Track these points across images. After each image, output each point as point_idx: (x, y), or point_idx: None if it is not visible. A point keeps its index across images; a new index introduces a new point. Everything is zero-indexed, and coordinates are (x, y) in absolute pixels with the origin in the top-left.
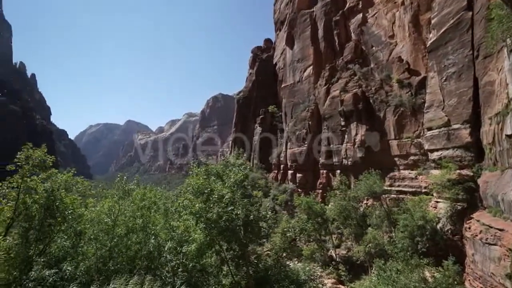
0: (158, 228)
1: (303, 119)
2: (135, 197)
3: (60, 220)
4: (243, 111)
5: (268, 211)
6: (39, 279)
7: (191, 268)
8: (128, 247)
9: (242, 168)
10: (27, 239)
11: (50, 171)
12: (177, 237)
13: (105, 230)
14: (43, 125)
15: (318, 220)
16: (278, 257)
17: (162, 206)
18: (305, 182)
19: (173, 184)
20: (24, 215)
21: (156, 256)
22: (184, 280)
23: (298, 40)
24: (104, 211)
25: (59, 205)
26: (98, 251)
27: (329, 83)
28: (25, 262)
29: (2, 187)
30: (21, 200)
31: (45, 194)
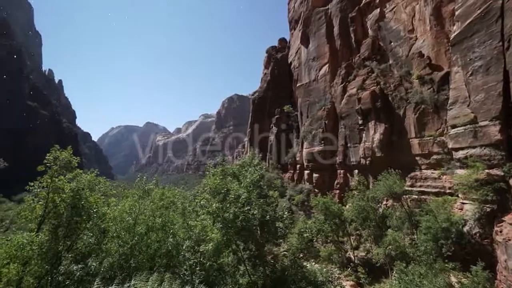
0: (177, 227)
1: (319, 118)
2: (154, 196)
3: (86, 218)
4: (258, 111)
5: (285, 211)
6: (68, 273)
7: (208, 267)
8: (148, 245)
9: (258, 168)
10: (56, 235)
11: (75, 171)
12: (194, 236)
13: (126, 228)
14: (69, 128)
15: (335, 221)
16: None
17: (180, 205)
18: (322, 182)
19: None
20: (53, 213)
21: (174, 254)
22: (202, 279)
23: (313, 39)
24: (126, 210)
25: (84, 204)
26: (120, 248)
27: (346, 81)
28: (55, 257)
29: (34, 186)
30: (51, 198)
31: (71, 194)
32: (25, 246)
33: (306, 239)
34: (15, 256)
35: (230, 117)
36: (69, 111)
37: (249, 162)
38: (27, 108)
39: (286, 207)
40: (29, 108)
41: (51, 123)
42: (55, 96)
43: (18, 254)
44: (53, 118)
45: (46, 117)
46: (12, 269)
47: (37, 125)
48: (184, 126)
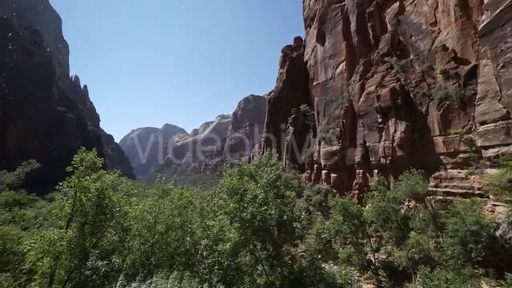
0: (195, 227)
1: (336, 117)
2: (173, 196)
3: (109, 217)
4: (274, 111)
5: (302, 212)
6: (94, 268)
7: (226, 266)
8: (167, 243)
9: (275, 168)
10: (83, 232)
11: (100, 172)
12: (212, 235)
13: (147, 227)
14: (93, 130)
15: (354, 222)
16: (313, 258)
17: (198, 205)
18: (340, 182)
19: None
20: (80, 211)
21: (193, 253)
22: (220, 278)
23: (329, 36)
24: (146, 209)
25: (108, 203)
26: (142, 246)
27: (364, 79)
28: (82, 252)
29: (63, 186)
30: (78, 197)
31: (96, 193)
32: (56, 242)
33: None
34: (48, 250)
35: (246, 117)
36: (94, 114)
37: (265, 162)
38: (56, 112)
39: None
40: (57, 112)
41: (77, 126)
42: (80, 100)
43: (50, 249)
44: (79, 121)
45: (72, 120)
46: (46, 263)
47: (65, 128)
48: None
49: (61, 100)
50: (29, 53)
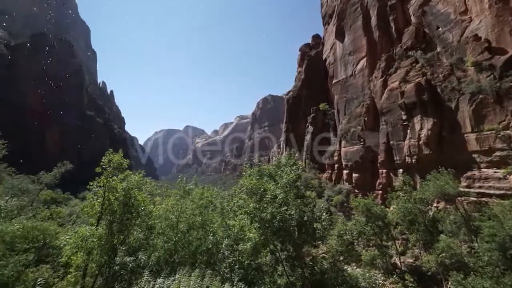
0: (216, 226)
1: (358, 115)
2: (194, 196)
3: (135, 215)
4: (293, 111)
5: (323, 212)
6: (122, 264)
7: (246, 265)
8: (189, 242)
9: (294, 168)
10: (111, 230)
11: (126, 172)
12: (233, 235)
13: (170, 226)
14: (119, 133)
15: (378, 224)
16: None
17: (219, 205)
18: (362, 183)
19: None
20: (108, 210)
21: (214, 252)
22: (240, 277)
23: (348, 32)
24: (169, 209)
25: (134, 202)
26: (165, 244)
27: (386, 74)
28: (111, 249)
29: (93, 186)
30: (106, 197)
31: (123, 193)
32: (88, 238)
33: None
34: (81, 246)
35: (265, 117)
36: (119, 118)
37: (285, 162)
38: (86, 116)
39: (324, 208)
40: (87, 116)
41: (105, 129)
42: (107, 105)
43: (83, 245)
44: (106, 125)
45: (100, 124)
46: (79, 257)
47: (94, 131)
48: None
49: (90, 105)
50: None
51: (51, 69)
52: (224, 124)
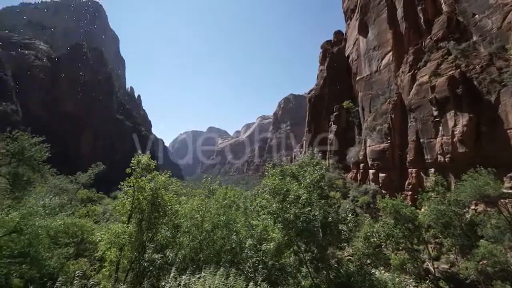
0: (239, 226)
1: (384, 112)
2: (218, 196)
3: (162, 214)
4: (315, 110)
5: (348, 213)
6: (151, 260)
7: (270, 266)
8: (214, 241)
9: (318, 168)
10: (141, 227)
11: (153, 173)
12: (256, 235)
13: (195, 225)
14: (146, 136)
15: (408, 226)
16: (361, 263)
17: (242, 205)
18: (389, 183)
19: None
20: (138, 209)
21: (238, 251)
22: (264, 277)
23: (372, 26)
24: (194, 208)
25: (161, 201)
26: (191, 243)
27: (415, 69)
28: (141, 246)
29: (124, 185)
30: (136, 196)
31: (151, 192)
32: (120, 235)
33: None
34: (114, 242)
35: (286, 117)
36: (146, 121)
37: (308, 162)
38: (116, 120)
39: (350, 209)
40: (117, 120)
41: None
42: (135, 109)
43: (116, 241)
44: (134, 128)
45: (129, 127)
46: (113, 252)
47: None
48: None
49: (120, 110)
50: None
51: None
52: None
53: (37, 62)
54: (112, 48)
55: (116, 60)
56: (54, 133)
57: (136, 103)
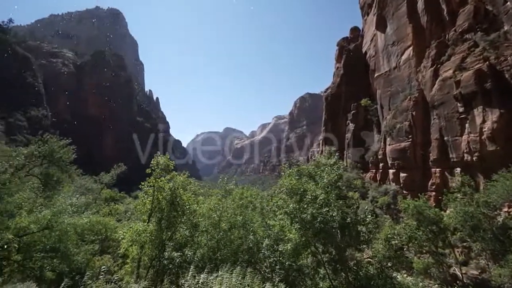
0: (256, 226)
1: (404, 109)
2: (235, 196)
3: (181, 213)
4: (332, 108)
5: (368, 214)
6: (170, 258)
7: (287, 266)
8: (231, 240)
9: (335, 168)
10: (160, 226)
11: (172, 173)
12: (273, 235)
13: (213, 224)
14: (165, 137)
15: (432, 228)
16: (382, 266)
17: (259, 205)
18: (411, 183)
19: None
20: (158, 208)
21: (255, 251)
22: (281, 277)
23: (391, 21)
24: (211, 208)
25: (179, 201)
26: (209, 242)
27: (437, 63)
28: (160, 244)
29: (144, 185)
30: (155, 196)
31: (170, 192)
32: (141, 233)
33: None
34: (135, 240)
35: (302, 116)
36: (164, 122)
37: (325, 162)
38: (136, 122)
39: (369, 209)
40: (137, 122)
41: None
42: (154, 111)
43: (137, 239)
44: (153, 130)
45: (148, 129)
46: (134, 250)
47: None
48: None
49: (139, 112)
50: (115, 75)
51: (107, 82)
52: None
53: (64, 69)
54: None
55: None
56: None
57: (154, 105)
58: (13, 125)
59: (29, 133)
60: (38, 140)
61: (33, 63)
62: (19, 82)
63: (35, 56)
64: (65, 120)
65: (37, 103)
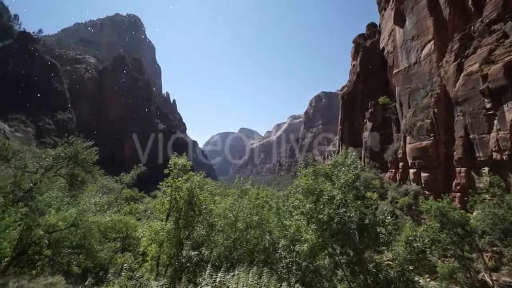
0: (272, 226)
1: (425, 107)
2: (251, 196)
3: (198, 213)
4: (349, 107)
5: (387, 216)
6: (188, 257)
7: (304, 267)
8: (247, 240)
9: (352, 168)
10: (178, 225)
11: (189, 174)
12: (289, 235)
13: (229, 224)
14: (181, 138)
15: (457, 231)
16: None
17: (274, 205)
18: (433, 183)
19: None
20: (175, 207)
21: (271, 251)
22: (298, 278)
23: (410, 15)
24: (227, 208)
25: (196, 200)
26: (225, 241)
27: (461, 57)
28: (178, 243)
29: (162, 185)
30: (173, 196)
31: (187, 192)
32: (159, 232)
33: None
34: (154, 238)
35: (318, 116)
36: (181, 124)
37: (341, 162)
38: (154, 124)
39: (388, 210)
40: (155, 124)
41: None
42: (171, 113)
43: (156, 237)
44: (170, 131)
45: (166, 130)
46: (153, 248)
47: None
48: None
49: (157, 114)
50: (134, 79)
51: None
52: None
53: (87, 75)
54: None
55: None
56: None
57: (171, 107)
58: (42, 128)
59: (56, 136)
60: (64, 142)
61: (59, 69)
62: (48, 88)
63: (61, 62)
64: (88, 122)
65: (63, 107)
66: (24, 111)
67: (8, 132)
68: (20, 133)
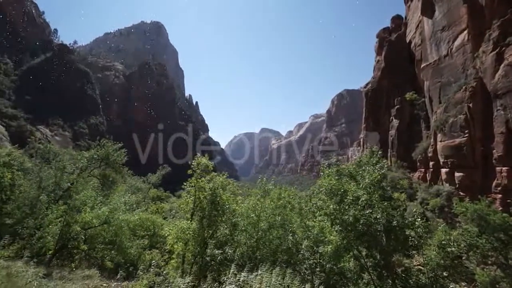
0: (295, 226)
1: (458, 101)
2: (273, 196)
3: (221, 213)
4: (373, 104)
5: (417, 217)
6: (212, 255)
7: (328, 269)
8: (270, 240)
9: (378, 167)
10: (202, 224)
11: (211, 174)
12: (312, 236)
13: (252, 224)
14: (205, 139)
15: (499, 236)
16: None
17: (297, 205)
18: (469, 183)
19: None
20: (199, 207)
21: (294, 252)
22: (322, 280)
23: (440, 4)
24: (250, 208)
25: (219, 201)
26: (248, 241)
27: (501, 46)
28: (203, 241)
29: (186, 185)
30: (197, 195)
31: (210, 192)
32: (185, 230)
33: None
34: (180, 237)
35: (341, 114)
36: (204, 125)
37: (366, 161)
38: (177, 126)
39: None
40: (179, 126)
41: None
42: (194, 115)
43: (182, 236)
44: (194, 132)
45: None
46: (179, 246)
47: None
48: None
49: (181, 116)
50: (159, 83)
51: (151, 90)
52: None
53: (116, 81)
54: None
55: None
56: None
57: (194, 109)
58: (77, 132)
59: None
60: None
61: (91, 77)
62: (82, 94)
63: (92, 70)
64: (117, 126)
65: (95, 112)
66: (62, 116)
67: (49, 136)
68: (59, 136)
